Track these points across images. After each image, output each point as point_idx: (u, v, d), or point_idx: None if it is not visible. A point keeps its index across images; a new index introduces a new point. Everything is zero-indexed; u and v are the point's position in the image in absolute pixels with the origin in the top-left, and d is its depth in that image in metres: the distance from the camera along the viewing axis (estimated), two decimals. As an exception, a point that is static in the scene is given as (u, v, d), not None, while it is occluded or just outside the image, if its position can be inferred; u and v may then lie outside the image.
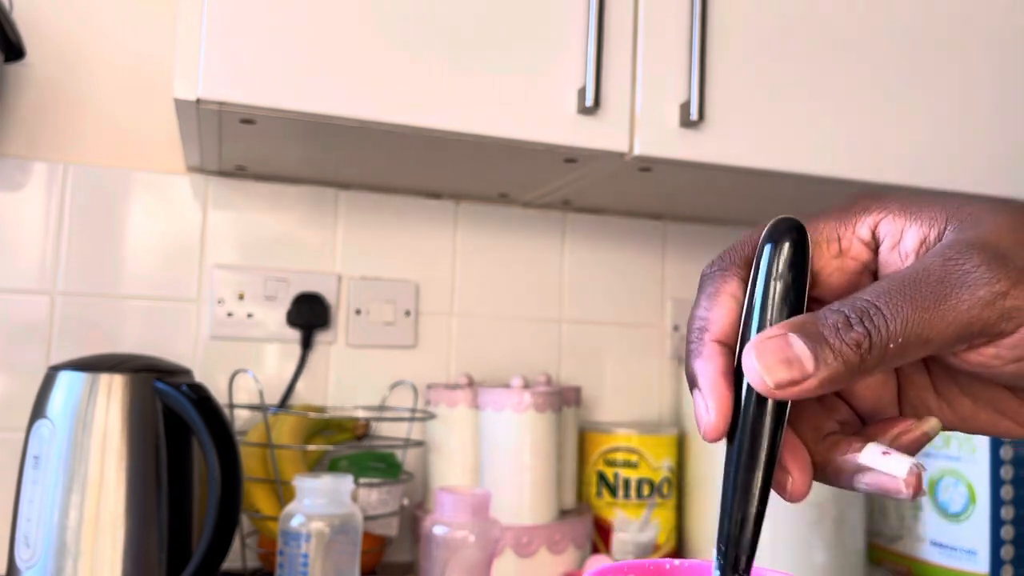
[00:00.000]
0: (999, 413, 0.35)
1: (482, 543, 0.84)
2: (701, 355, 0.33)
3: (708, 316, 0.33)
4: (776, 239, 0.33)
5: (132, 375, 0.82)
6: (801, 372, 0.29)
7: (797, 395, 0.29)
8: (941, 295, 0.30)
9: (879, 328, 0.29)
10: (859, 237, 0.34)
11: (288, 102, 0.82)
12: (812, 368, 0.29)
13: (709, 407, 0.32)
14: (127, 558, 0.79)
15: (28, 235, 1.05)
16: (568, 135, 0.91)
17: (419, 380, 1.19)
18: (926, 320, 0.29)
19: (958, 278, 0.30)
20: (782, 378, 0.29)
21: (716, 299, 0.34)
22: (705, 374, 0.33)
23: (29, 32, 1.05)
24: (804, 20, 1.01)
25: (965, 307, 0.29)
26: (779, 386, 0.29)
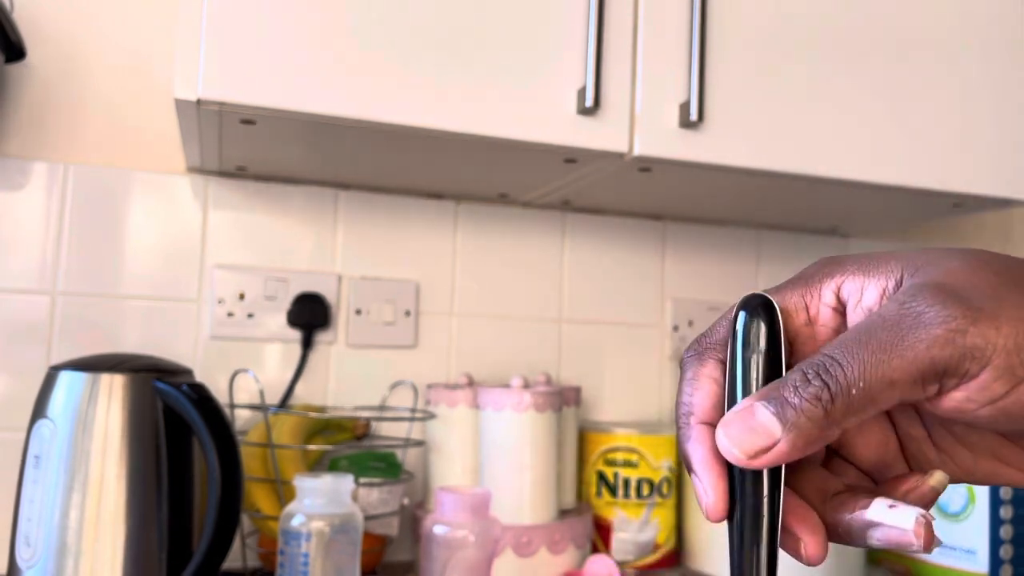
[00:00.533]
0: (999, 461, 0.36)
1: (482, 543, 0.84)
2: (691, 439, 0.34)
3: (692, 400, 0.34)
4: (747, 316, 0.33)
5: (133, 375, 0.82)
6: (768, 438, 0.30)
7: (773, 461, 0.30)
8: (898, 337, 0.30)
9: (836, 378, 0.30)
10: (825, 303, 0.35)
11: (288, 102, 0.82)
12: (779, 432, 0.30)
13: (706, 489, 0.33)
14: (128, 558, 0.79)
15: (29, 235, 1.06)
16: (568, 135, 0.91)
17: (419, 380, 1.19)
18: (885, 362, 0.30)
19: (914, 319, 0.30)
20: (751, 447, 0.30)
21: (696, 383, 0.35)
22: (697, 457, 0.33)
23: (30, 32, 1.05)
24: (803, 21, 1.01)
25: (924, 347, 0.29)
26: (751, 455, 0.30)
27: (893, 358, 0.30)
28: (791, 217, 1.33)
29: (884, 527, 0.32)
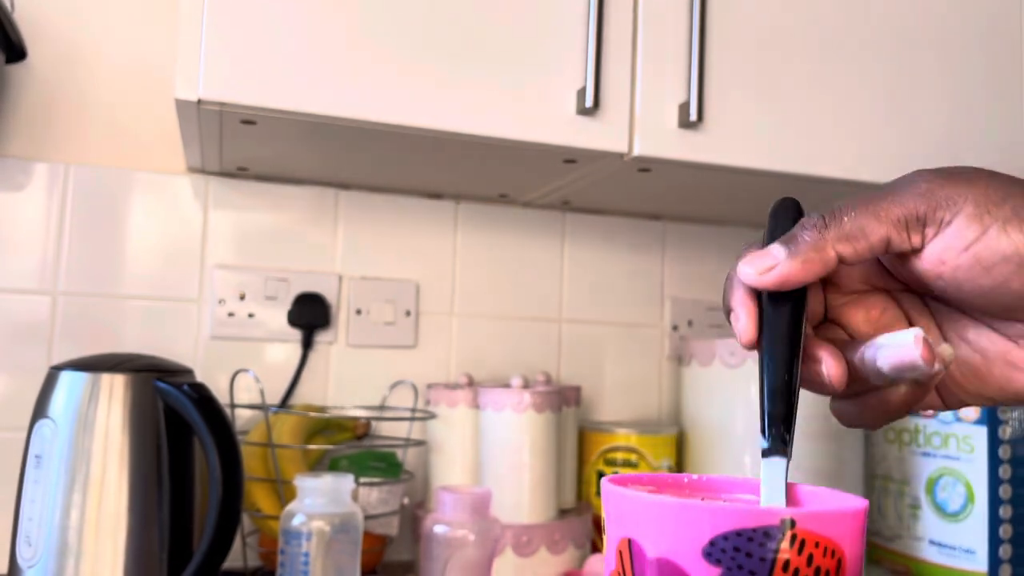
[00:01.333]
0: (1010, 366, 0.39)
1: (482, 542, 0.84)
2: (732, 287, 0.40)
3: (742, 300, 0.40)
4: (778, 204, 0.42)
5: (133, 375, 0.82)
6: (773, 259, 0.37)
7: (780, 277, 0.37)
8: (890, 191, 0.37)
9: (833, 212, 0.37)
10: None
11: (289, 103, 0.83)
12: (783, 255, 0.37)
13: (740, 316, 0.39)
14: (128, 557, 0.79)
15: (29, 235, 1.06)
16: (568, 136, 0.92)
17: (419, 380, 1.19)
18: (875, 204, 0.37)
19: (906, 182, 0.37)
20: (760, 266, 0.37)
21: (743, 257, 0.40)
22: (736, 296, 0.39)
23: (31, 33, 1.05)
24: (802, 22, 1.01)
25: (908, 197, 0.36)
26: (760, 272, 0.37)
27: (882, 202, 0.37)
28: (790, 217, 1.33)
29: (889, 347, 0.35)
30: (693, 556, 0.29)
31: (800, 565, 0.28)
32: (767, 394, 0.36)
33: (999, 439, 1.02)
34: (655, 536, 0.29)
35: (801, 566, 0.28)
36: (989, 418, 1.02)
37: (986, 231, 0.35)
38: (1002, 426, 1.02)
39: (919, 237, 0.36)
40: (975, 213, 0.35)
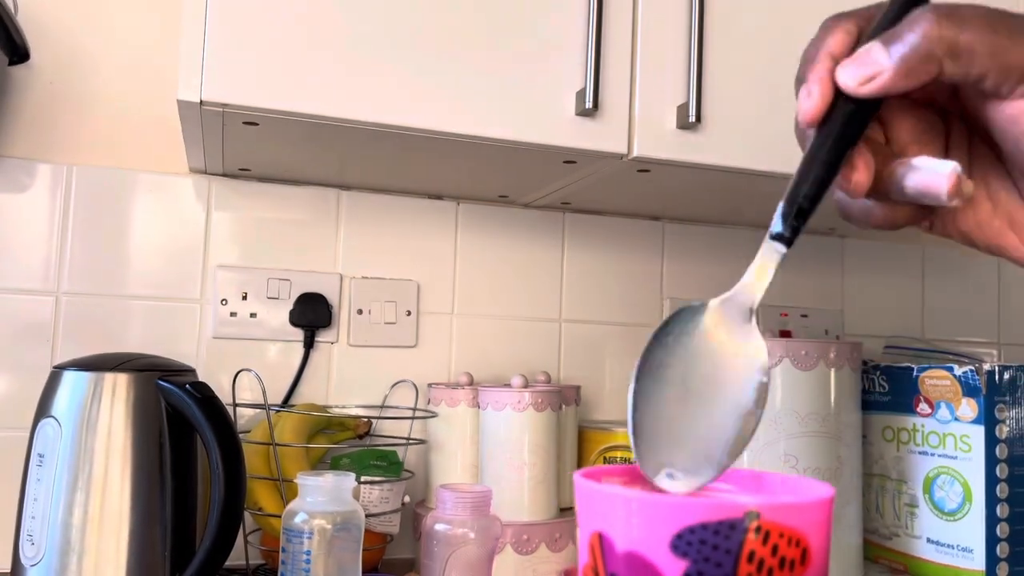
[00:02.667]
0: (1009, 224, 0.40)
1: (482, 540, 0.85)
2: (815, 59, 0.39)
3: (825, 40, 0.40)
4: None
5: (136, 374, 0.82)
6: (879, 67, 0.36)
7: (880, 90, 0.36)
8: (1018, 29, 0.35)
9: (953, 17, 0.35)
10: None
11: (291, 104, 0.83)
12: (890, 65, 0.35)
13: (812, 92, 0.38)
14: (131, 556, 0.79)
15: (33, 236, 1.06)
16: (567, 137, 0.92)
17: (420, 379, 1.20)
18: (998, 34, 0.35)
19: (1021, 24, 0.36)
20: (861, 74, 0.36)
21: (831, 31, 0.40)
22: (815, 71, 0.38)
23: (34, 34, 1.06)
24: (801, 23, 1.02)
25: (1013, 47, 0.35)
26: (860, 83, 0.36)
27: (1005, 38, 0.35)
28: (789, 217, 1.33)
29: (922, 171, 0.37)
30: (661, 549, 0.29)
31: (765, 555, 0.29)
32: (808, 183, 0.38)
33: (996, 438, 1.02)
34: (623, 529, 0.29)
35: (766, 556, 0.29)
36: (986, 417, 1.03)
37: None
38: (999, 425, 1.03)
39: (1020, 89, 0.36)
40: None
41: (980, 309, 1.59)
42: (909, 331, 1.53)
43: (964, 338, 1.57)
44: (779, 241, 0.39)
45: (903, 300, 1.53)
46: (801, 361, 1.08)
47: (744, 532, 0.28)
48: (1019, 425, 1.04)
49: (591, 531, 0.31)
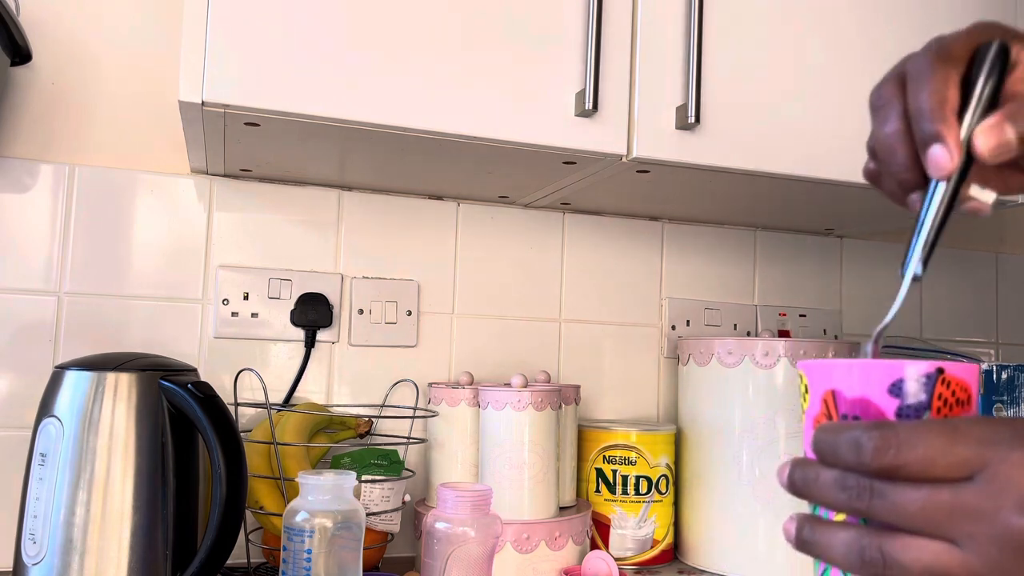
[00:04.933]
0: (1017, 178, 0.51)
1: (482, 539, 0.85)
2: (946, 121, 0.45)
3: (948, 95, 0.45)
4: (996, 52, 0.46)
5: (138, 374, 0.82)
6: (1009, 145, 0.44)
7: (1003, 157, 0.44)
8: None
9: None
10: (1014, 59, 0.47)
11: (292, 105, 0.83)
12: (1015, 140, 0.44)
13: (952, 152, 0.45)
14: (133, 554, 0.79)
15: (35, 236, 1.07)
16: (567, 138, 0.92)
17: (421, 379, 1.20)
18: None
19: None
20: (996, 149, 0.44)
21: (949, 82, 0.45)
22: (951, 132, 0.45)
23: (36, 35, 1.06)
24: (800, 24, 1.02)
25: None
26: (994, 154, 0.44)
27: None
28: (787, 218, 1.34)
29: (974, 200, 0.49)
30: (881, 393, 0.42)
31: (947, 396, 0.42)
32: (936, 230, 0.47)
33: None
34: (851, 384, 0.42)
35: (948, 397, 0.42)
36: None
37: None
38: (997, 425, 1.03)
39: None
40: None
41: (978, 309, 1.60)
42: (907, 331, 1.53)
43: (962, 338, 1.58)
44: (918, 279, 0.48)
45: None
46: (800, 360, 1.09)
47: (935, 381, 0.41)
48: (1017, 424, 1.04)
49: (824, 390, 0.44)
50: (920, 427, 0.37)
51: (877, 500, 0.37)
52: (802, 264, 1.45)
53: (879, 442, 0.37)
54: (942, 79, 0.45)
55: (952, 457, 0.36)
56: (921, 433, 0.37)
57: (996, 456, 0.36)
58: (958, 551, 0.36)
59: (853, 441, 0.38)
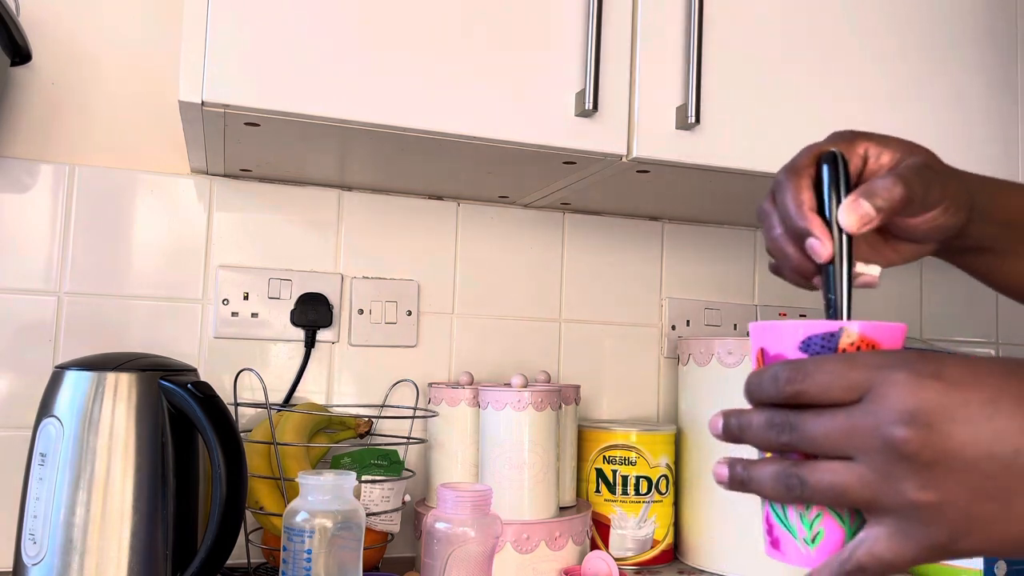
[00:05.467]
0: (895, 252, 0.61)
1: (482, 539, 0.85)
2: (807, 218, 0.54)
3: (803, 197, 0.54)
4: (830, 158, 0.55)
5: (138, 374, 0.82)
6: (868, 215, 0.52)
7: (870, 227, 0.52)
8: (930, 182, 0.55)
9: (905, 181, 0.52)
10: (859, 155, 0.57)
11: (292, 105, 0.83)
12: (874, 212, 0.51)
13: (823, 240, 0.53)
14: (133, 555, 0.79)
15: (35, 236, 1.07)
16: (567, 138, 0.92)
17: (420, 379, 1.20)
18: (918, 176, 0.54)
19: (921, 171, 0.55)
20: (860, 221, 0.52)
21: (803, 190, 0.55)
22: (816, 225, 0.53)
23: (36, 35, 1.06)
24: (799, 24, 1.02)
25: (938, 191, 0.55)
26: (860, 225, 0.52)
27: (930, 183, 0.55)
28: (789, 217, 1.34)
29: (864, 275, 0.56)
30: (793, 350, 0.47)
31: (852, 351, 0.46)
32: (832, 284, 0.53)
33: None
34: (773, 343, 0.48)
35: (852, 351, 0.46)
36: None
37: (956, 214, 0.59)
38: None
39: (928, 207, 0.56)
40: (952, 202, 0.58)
41: (978, 309, 1.60)
42: (908, 331, 1.53)
43: (962, 338, 1.58)
44: None
45: (902, 300, 1.53)
46: (800, 361, 1.08)
47: (839, 337, 0.46)
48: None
49: (757, 348, 0.50)
50: (823, 359, 0.44)
51: (795, 433, 0.44)
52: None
53: (790, 373, 0.44)
54: (795, 187, 0.55)
55: (845, 381, 0.42)
56: (822, 363, 0.43)
57: (880, 377, 0.41)
58: (855, 466, 0.42)
59: (772, 376, 0.45)
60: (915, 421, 0.40)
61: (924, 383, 0.40)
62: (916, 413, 0.40)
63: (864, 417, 0.41)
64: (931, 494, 0.40)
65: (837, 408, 0.43)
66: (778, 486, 0.45)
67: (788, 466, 0.44)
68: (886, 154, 0.57)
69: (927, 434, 0.40)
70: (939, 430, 0.40)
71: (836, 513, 0.45)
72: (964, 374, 0.41)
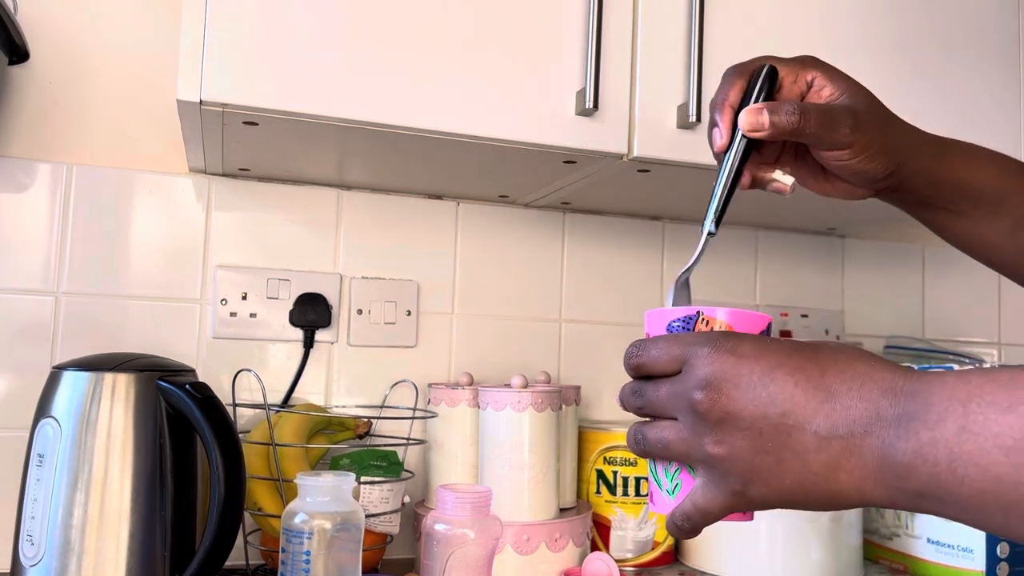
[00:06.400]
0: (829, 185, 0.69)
1: (482, 540, 0.85)
2: (722, 108, 0.63)
3: (729, 93, 0.63)
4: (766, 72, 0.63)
5: (136, 374, 0.82)
6: (760, 124, 0.60)
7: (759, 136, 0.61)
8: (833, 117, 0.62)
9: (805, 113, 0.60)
10: (805, 80, 0.64)
11: (290, 104, 0.83)
12: (767, 123, 0.60)
13: (722, 132, 0.62)
14: (131, 556, 0.79)
15: (32, 236, 1.06)
16: (567, 137, 0.92)
17: (420, 379, 1.20)
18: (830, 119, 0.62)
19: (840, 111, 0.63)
20: (754, 127, 0.61)
21: (733, 86, 0.63)
22: (723, 118, 0.62)
23: (34, 34, 1.06)
24: (799, 23, 1.02)
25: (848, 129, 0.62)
26: (751, 129, 0.61)
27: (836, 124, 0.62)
28: (788, 218, 1.34)
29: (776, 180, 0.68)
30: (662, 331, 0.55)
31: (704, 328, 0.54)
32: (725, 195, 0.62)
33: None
34: (650, 327, 0.56)
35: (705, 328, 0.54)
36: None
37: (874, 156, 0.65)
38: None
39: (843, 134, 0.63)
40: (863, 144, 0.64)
41: (980, 309, 1.59)
42: (909, 331, 1.53)
43: (964, 338, 1.57)
44: (712, 235, 0.62)
45: (903, 300, 1.53)
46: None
47: (696, 321, 0.54)
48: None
49: (645, 332, 0.57)
50: (658, 338, 0.52)
51: (641, 398, 0.52)
52: (804, 264, 1.45)
53: (634, 349, 0.52)
54: (729, 84, 0.63)
55: (668, 356, 0.50)
56: (656, 342, 0.51)
57: (691, 352, 0.49)
58: (676, 424, 0.50)
59: (627, 352, 0.53)
60: (709, 386, 0.47)
61: (721, 356, 0.48)
62: (710, 379, 0.47)
63: (679, 384, 0.49)
64: (722, 448, 0.47)
65: (667, 378, 0.51)
66: (631, 441, 0.53)
67: (638, 425, 0.53)
68: (828, 87, 0.64)
69: (717, 396, 0.47)
70: (726, 394, 0.47)
71: (690, 468, 0.51)
72: (754, 349, 0.48)
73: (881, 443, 0.43)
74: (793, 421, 0.45)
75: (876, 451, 0.43)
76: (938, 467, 0.41)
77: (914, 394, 0.43)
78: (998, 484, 0.39)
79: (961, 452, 0.40)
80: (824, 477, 0.45)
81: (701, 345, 0.49)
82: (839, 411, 0.45)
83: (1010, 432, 0.39)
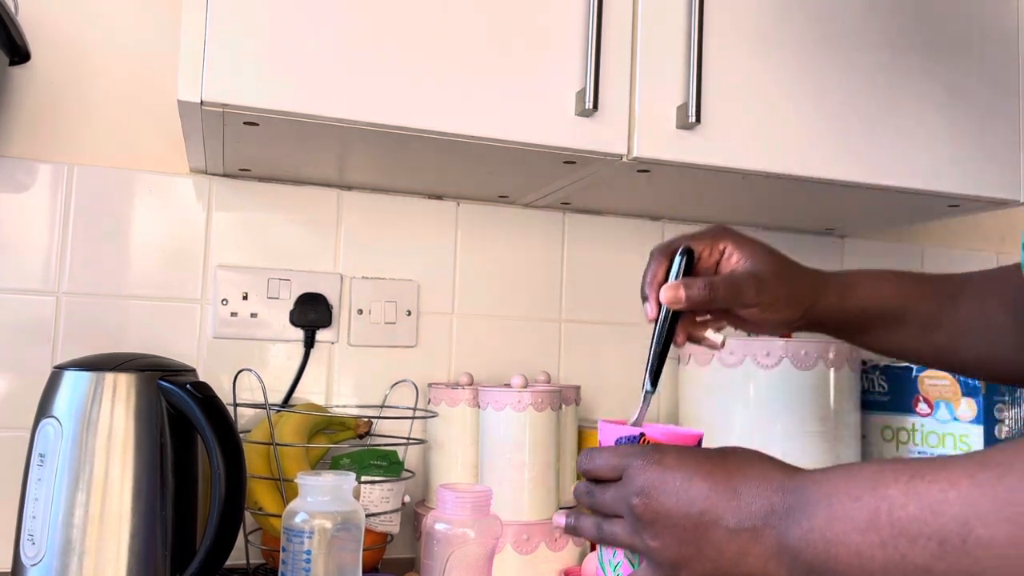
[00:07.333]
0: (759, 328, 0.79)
1: (482, 540, 0.85)
2: (648, 287, 0.74)
3: (658, 273, 0.74)
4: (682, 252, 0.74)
5: (137, 374, 0.82)
6: (679, 298, 0.70)
7: (678, 307, 0.71)
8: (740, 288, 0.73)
9: (713, 286, 0.71)
10: (718, 250, 0.75)
11: (291, 105, 0.83)
12: (684, 297, 0.70)
13: (651, 306, 0.73)
14: (132, 555, 0.79)
15: (33, 236, 1.06)
16: (567, 137, 0.92)
17: (420, 379, 1.20)
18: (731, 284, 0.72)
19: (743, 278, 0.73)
20: (671, 300, 0.71)
21: (660, 265, 0.75)
22: (651, 293, 0.73)
23: (34, 35, 1.06)
24: (800, 24, 1.02)
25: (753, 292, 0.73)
26: (670, 302, 0.71)
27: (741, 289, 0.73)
28: (788, 218, 1.34)
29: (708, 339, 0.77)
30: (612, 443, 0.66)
31: None
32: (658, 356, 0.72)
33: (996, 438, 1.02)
34: (604, 438, 0.68)
35: None
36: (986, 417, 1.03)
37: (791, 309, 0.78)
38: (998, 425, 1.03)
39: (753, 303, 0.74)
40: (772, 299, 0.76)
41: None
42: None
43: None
44: (651, 393, 0.72)
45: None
46: (801, 361, 1.08)
47: (638, 440, 0.65)
48: (1018, 425, 1.04)
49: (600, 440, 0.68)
50: (604, 450, 0.63)
51: (592, 499, 0.63)
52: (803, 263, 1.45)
53: (583, 458, 0.64)
54: (656, 264, 0.75)
55: (609, 466, 0.62)
56: (601, 453, 0.63)
57: (628, 463, 0.60)
58: (622, 522, 0.60)
59: (579, 459, 0.65)
60: (642, 493, 0.58)
61: (649, 467, 0.59)
62: (643, 488, 0.58)
63: (620, 490, 0.60)
64: (657, 542, 0.57)
65: (611, 483, 0.62)
66: (593, 532, 0.63)
67: (598, 520, 0.63)
68: (735, 255, 0.74)
69: (649, 501, 0.57)
70: (655, 499, 0.57)
71: (630, 557, 0.63)
72: (676, 459, 0.58)
73: (777, 532, 0.52)
74: (709, 518, 0.55)
75: (774, 539, 0.52)
76: (818, 548, 0.50)
77: (797, 490, 0.53)
78: (859, 559, 0.48)
79: (831, 536, 0.49)
80: (736, 562, 0.54)
81: (634, 458, 0.60)
82: (743, 507, 0.54)
83: (861, 516, 0.48)
